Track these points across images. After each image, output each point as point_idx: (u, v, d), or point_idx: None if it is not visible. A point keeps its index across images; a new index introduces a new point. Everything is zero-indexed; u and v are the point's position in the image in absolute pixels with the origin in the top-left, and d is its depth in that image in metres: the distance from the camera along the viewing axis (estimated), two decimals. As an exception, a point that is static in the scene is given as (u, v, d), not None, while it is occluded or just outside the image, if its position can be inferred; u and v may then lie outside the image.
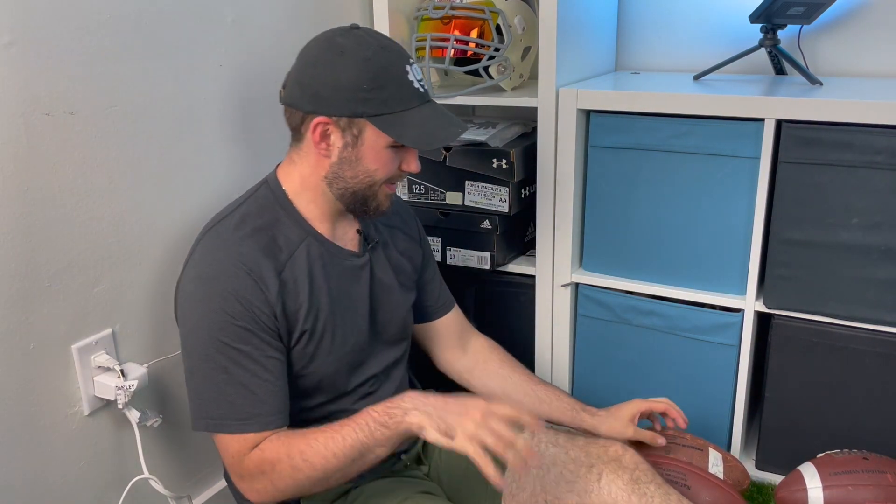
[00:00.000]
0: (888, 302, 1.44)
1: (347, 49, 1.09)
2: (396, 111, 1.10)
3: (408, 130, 1.10)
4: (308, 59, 1.12)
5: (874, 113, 1.36)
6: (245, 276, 1.08)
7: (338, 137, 1.11)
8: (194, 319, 1.09)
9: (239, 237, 1.12)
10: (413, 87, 1.12)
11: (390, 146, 1.12)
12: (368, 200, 1.17)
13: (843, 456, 1.36)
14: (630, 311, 1.70)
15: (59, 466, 1.25)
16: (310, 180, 1.16)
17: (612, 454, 1.19)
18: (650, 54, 1.93)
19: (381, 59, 1.09)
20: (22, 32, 1.10)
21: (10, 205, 1.12)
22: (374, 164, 1.13)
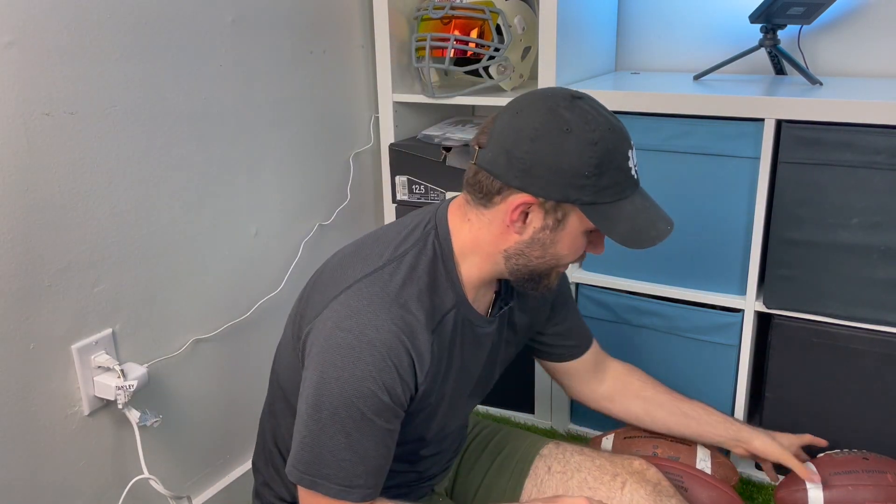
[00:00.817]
0: (888, 302, 1.44)
1: (574, 127, 0.95)
2: (611, 201, 0.98)
3: (618, 225, 0.99)
4: (525, 129, 0.97)
5: (874, 113, 1.36)
6: (405, 353, 0.99)
7: (538, 218, 0.99)
8: (335, 374, 0.98)
9: (405, 300, 1.01)
10: (631, 174, 1.00)
11: (587, 232, 1.02)
12: (542, 279, 1.07)
13: (842, 456, 1.36)
14: (630, 311, 1.70)
15: (59, 466, 1.25)
16: (486, 248, 1.04)
17: (636, 467, 1.19)
18: (650, 54, 1.93)
19: (609, 143, 0.96)
20: (22, 32, 1.10)
21: (10, 205, 1.12)
22: (566, 250, 1.02)
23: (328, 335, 0.99)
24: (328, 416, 0.98)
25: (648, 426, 1.37)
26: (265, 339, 1.65)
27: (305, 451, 1.00)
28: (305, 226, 1.73)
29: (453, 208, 1.07)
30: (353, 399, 0.96)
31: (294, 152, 1.67)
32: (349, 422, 0.97)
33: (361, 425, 0.98)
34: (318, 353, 0.99)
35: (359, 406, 0.97)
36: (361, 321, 0.98)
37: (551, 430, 1.85)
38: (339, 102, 1.80)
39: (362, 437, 0.98)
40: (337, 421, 0.98)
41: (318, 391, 0.98)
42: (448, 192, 1.76)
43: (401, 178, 1.81)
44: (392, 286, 1.01)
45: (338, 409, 0.97)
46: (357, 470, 0.99)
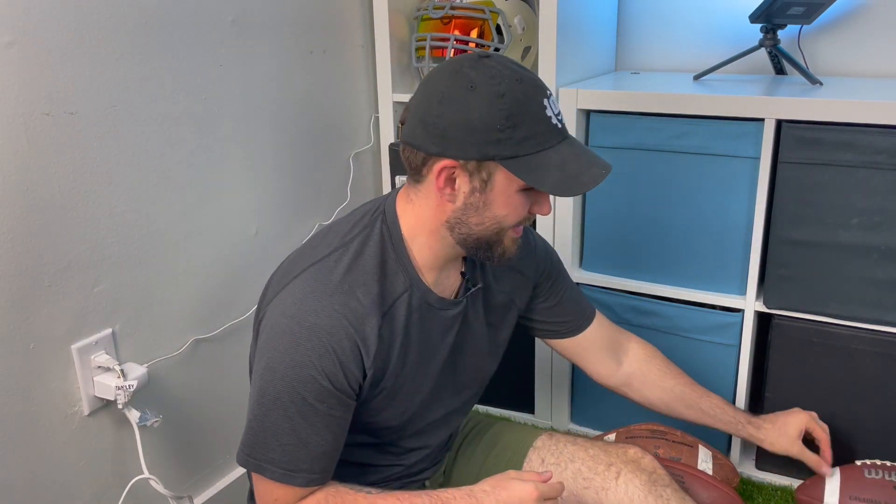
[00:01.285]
0: (888, 302, 1.44)
1: (479, 83, 0.94)
2: (532, 152, 0.96)
3: (546, 175, 0.96)
4: (432, 94, 0.97)
5: (874, 113, 1.36)
6: (347, 339, 0.99)
7: (464, 182, 0.98)
8: (278, 359, 0.99)
9: (349, 285, 1.01)
10: (551, 123, 0.97)
11: (522, 190, 0.99)
12: (494, 247, 1.04)
13: (872, 477, 1.28)
14: (630, 311, 1.70)
15: (59, 466, 1.25)
16: (429, 224, 1.04)
17: (631, 455, 1.19)
18: (650, 54, 1.93)
19: (518, 93, 0.94)
20: (22, 32, 1.10)
21: (10, 205, 1.12)
22: (503, 210, 1.00)
23: (274, 322, 1.00)
24: (271, 401, 0.99)
25: (664, 411, 1.37)
26: (265, 339, 1.64)
27: (251, 434, 1.02)
28: (305, 226, 1.73)
29: (401, 193, 1.07)
30: (294, 384, 0.98)
31: (294, 152, 1.67)
32: (291, 407, 0.99)
33: (303, 410, 0.99)
34: (264, 340, 1.01)
35: (300, 392, 0.98)
36: (304, 308, 0.99)
37: (551, 430, 1.85)
38: (339, 102, 1.80)
39: (305, 422, 1.00)
40: (279, 406, 0.99)
41: (262, 377, 1.00)
42: (448, 192, 1.76)
43: (401, 178, 1.81)
44: (336, 273, 1.01)
45: (280, 394, 0.99)
46: (300, 454, 1.01)
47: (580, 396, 1.84)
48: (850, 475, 1.29)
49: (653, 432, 1.48)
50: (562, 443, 1.24)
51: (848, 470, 1.29)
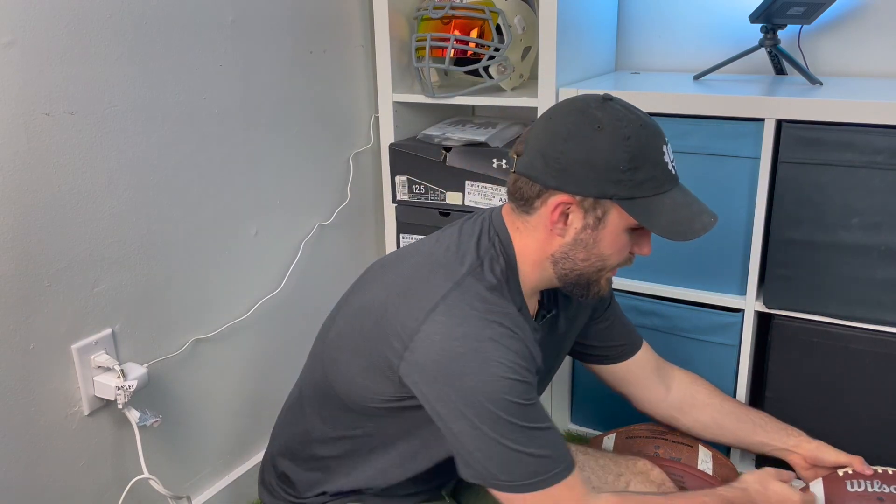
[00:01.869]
0: (888, 302, 1.44)
1: (606, 124, 0.98)
2: (649, 195, 0.99)
3: (659, 217, 0.99)
4: (559, 130, 1.00)
5: (874, 113, 1.36)
6: (517, 339, 1.00)
7: (578, 218, 1.01)
8: (473, 384, 0.96)
9: (497, 297, 1.02)
10: (667, 168, 1.01)
11: (628, 230, 1.03)
12: (591, 285, 1.08)
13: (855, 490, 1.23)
14: (630, 311, 1.70)
15: (59, 466, 1.25)
16: (533, 255, 1.06)
17: (640, 468, 1.19)
18: (650, 54, 1.93)
19: (642, 138, 0.99)
20: (22, 32, 1.10)
21: (10, 205, 1.12)
22: (609, 249, 1.03)
23: (443, 353, 0.97)
24: (491, 423, 0.96)
25: (717, 436, 1.36)
26: (265, 339, 1.65)
27: (497, 464, 0.98)
28: (305, 226, 1.73)
29: (505, 216, 1.08)
30: (503, 396, 0.96)
31: (294, 152, 1.67)
32: (515, 418, 0.97)
33: (527, 412, 0.97)
34: (441, 375, 0.97)
35: (512, 400, 0.96)
36: (473, 326, 0.98)
37: (551, 430, 1.85)
38: (339, 102, 1.80)
39: (534, 421, 0.98)
40: (504, 423, 0.96)
41: (467, 406, 0.96)
42: (448, 191, 1.76)
43: (401, 178, 1.81)
44: (484, 291, 1.02)
45: (497, 413, 0.96)
46: (559, 443, 1.00)
47: (580, 396, 1.84)
48: (832, 489, 1.24)
49: (653, 432, 1.48)
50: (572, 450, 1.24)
51: (830, 482, 1.26)
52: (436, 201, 1.78)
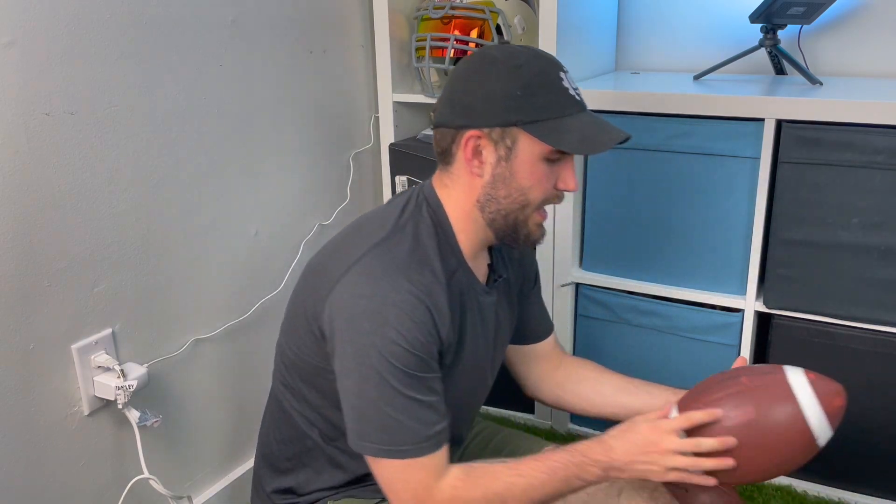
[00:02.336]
0: (888, 302, 1.44)
1: (499, 59, 1.02)
2: (552, 118, 1.01)
3: (566, 136, 1.01)
4: (458, 75, 1.05)
5: (874, 113, 1.36)
6: (423, 309, 1.00)
7: (490, 152, 1.03)
8: (367, 342, 0.99)
9: (416, 263, 1.03)
10: (569, 93, 1.03)
11: (545, 159, 1.03)
12: (519, 227, 1.08)
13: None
14: (630, 311, 1.70)
15: (59, 466, 1.25)
16: (463, 206, 1.08)
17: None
18: (650, 54, 1.93)
19: (534, 66, 1.02)
20: (22, 32, 1.10)
21: (10, 205, 1.12)
22: (528, 181, 1.04)
23: (350, 306, 1.00)
24: (375, 382, 0.99)
25: (600, 408, 1.33)
26: (265, 339, 1.65)
27: (367, 423, 1.01)
28: (305, 226, 1.73)
29: (435, 181, 1.11)
30: (392, 360, 0.98)
31: (294, 152, 1.67)
32: (398, 384, 0.98)
33: (411, 382, 0.99)
34: (344, 327, 1.01)
35: (399, 366, 0.98)
36: (380, 286, 1.00)
37: (551, 430, 1.85)
38: (339, 102, 1.80)
39: (417, 392, 1.00)
40: (386, 386, 0.99)
41: (358, 363, 1.00)
42: (448, 192, 1.76)
43: (401, 178, 1.81)
44: (400, 252, 1.04)
45: (382, 374, 0.98)
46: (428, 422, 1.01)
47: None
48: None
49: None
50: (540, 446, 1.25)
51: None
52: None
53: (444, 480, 1.03)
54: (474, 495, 1.03)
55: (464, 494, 1.02)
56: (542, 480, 1.03)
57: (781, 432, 1.00)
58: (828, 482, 1.60)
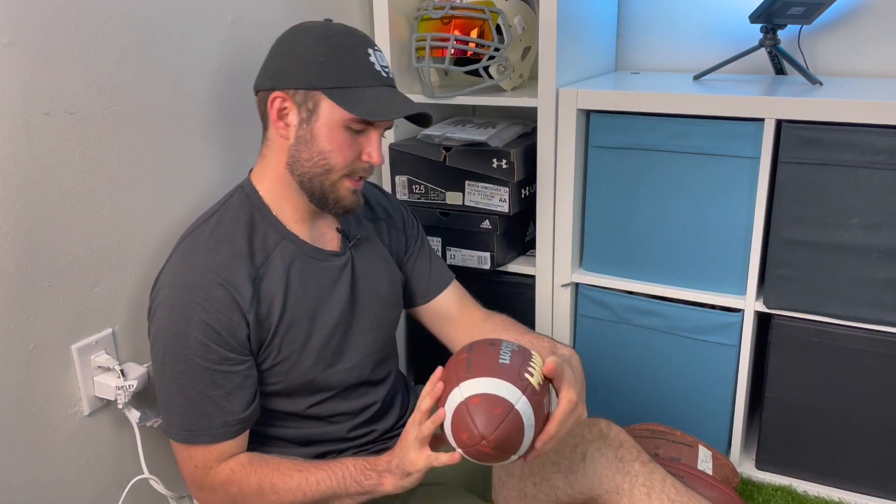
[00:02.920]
0: (888, 302, 1.44)
1: (312, 30, 1.11)
2: (352, 86, 1.08)
3: (361, 104, 1.07)
4: (275, 44, 1.14)
5: (874, 113, 1.36)
6: (218, 286, 1.07)
7: (294, 114, 1.10)
8: (165, 328, 1.08)
9: (214, 243, 1.10)
10: (373, 68, 1.10)
11: (347, 128, 1.09)
12: (327, 193, 1.13)
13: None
14: (630, 311, 1.70)
15: (59, 466, 1.25)
16: (277, 171, 1.14)
17: (595, 433, 1.17)
18: (650, 54, 1.93)
19: (343, 39, 1.10)
20: (22, 32, 1.10)
21: (10, 205, 1.12)
22: (328, 145, 1.09)
23: (157, 297, 1.11)
24: (169, 368, 1.08)
25: None
26: (265, 339, 1.64)
27: (164, 407, 1.11)
28: (305, 226, 1.73)
29: (256, 164, 1.19)
30: (178, 343, 1.05)
31: (294, 152, 1.67)
32: (181, 367, 1.07)
33: (193, 370, 1.06)
34: (151, 314, 1.12)
35: (184, 351, 1.05)
36: (177, 275, 1.09)
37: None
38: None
39: (204, 381, 1.06)
40: (173, 372, 1.08)
41: (154, 346, 1.10)
42: (448, 191, 1.76)
43: (401, 178, 1.81)
44: (201, 240, 1.11)
45: (175, 359, 1.07)
46: (212, 412, 1.07)
47: (580, 396, 1.83)
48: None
49: (652, 432, 1.48)
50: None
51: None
52: (436, 201, 1.78)
53: (226, 463, 1.09)
54: (251, 482, 1.08)
55: (239, 479, 1.08)
56: (318, 478, 1.07)
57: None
58: (828, 482, 1.60)
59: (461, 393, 0.96)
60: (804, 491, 1.61)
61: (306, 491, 1.07)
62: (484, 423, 0.93)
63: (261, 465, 1.10)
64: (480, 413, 0.93)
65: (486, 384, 0.95)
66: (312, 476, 1.07)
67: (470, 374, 0.97)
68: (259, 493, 1.08)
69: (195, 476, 1.11)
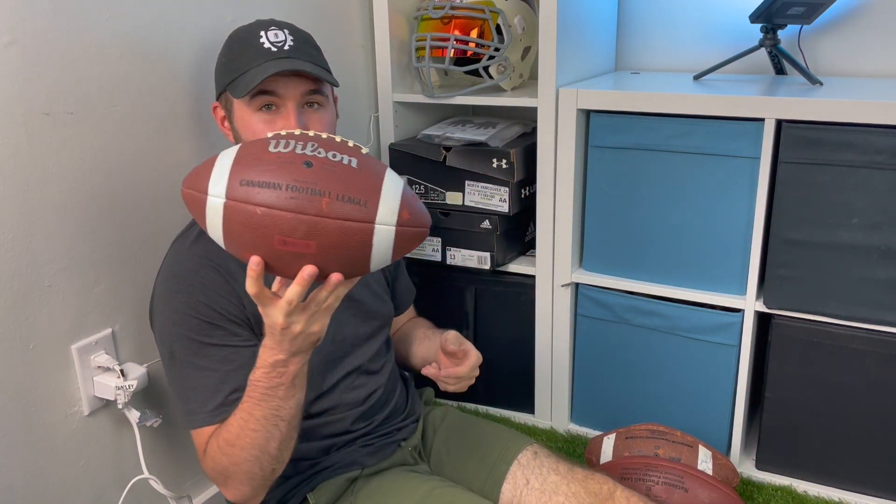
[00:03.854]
0: (888, 302, 1.44)
1: (231, 33, 1.16)
2: (242, 72, 1.10)
3: (241, 85, 1.09)
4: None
5: (874, 113, 1.36)
6: (211, 269, 1.09)
7: (225, 119, 1.17)
8: (161, 319, 1.11)
9: (206, 238, 1.10)
10: (262, 47, 1.10)
11: (257, 112, 1.10)
12: None
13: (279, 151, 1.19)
14: (630, 311, 1.70)
15: (59, 466, 1.25)
16: None
17: (605, 492, 1.20)
18: (650, 54, 1.93)
19: (241, 31, 1.14)
20: (22, 32, 1.10)
21: (10, 205, 1.12)
22: (246, 134, 1.12)
23: (155, 290, 1.14)
24: (169, 356, 1.10)
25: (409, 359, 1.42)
26: (265, 339, 1.64)
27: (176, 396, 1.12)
28: (305, 226, 1.73)
29: None
30: (178, 329, 1.07)
31: (294, 152, 1.67)
32: (185, 352, 1.08)
33: (198, 349, 1.07)
34: (152, 309, 1.15)
35: (184, 333, 1.07)
36: (170, 266, 1.12)
37: (551, 429, 1.85)
38: (339, 102, 1.79)
39: (203, 359, 1.07)
40: (176, 356, 1.09)
41: (160, 338, 1.12)
42: (448, 191, 1.76)
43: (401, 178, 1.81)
44: (189, 238, 1.14)
45: (172, 344, 1.08)
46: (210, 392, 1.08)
47: (580, 396, 1.84)
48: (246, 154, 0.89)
49: (652, 432, 1.48)
50: (545, 468, 1.24)
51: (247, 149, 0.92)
52: (436, 201, 1.78)
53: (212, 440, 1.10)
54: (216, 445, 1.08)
55: (211, 450, 1.09)
56: (247, 407, 1.00)
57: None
58: (828, 482, 1.60)
59: (395, 176, 0.94)
60: (804, 491, 1.61)
61: (250, 426, 1.00)
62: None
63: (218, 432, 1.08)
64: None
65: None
66: (243, 409, 1.01)
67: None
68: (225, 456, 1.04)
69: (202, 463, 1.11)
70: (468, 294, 1.85)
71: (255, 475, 1.04)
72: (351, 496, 1.21)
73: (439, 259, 1.83)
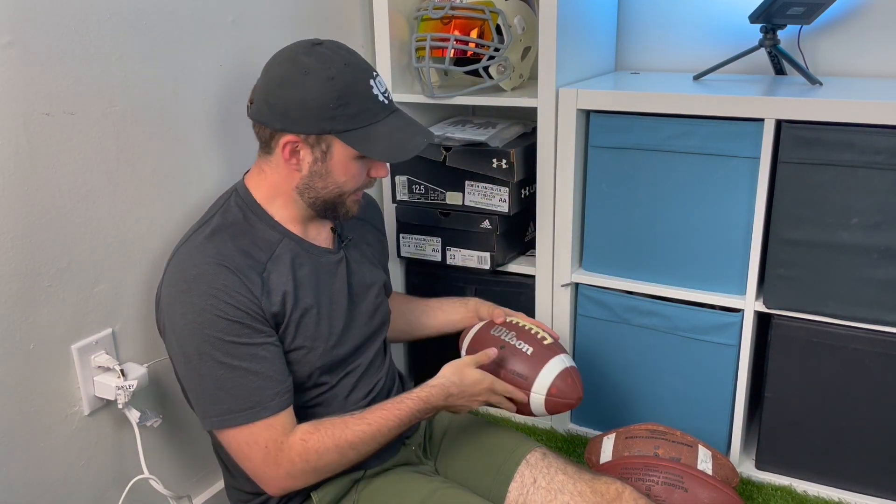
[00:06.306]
0: (888, 302, 1.44)
1: (311, 69, 1.11)
2: (363, 126, 1.14)
3: (375, 144, 1.14)
4: (273, 78, 1.14)
5: (874, 113, 1.36)
6: (228, 273, 1.10)
7: (307, 153, 1.15)
8: (182, 322, 1.09)
9: (216, 242, 1.13)
10: (378, 100, 1.15)
11: (358, 158, 1.16)
12: (338, 208, 1.21)
13: (493, 334, 1.41)
14: (630, 311, 1.70)
15: (59, 466, 1.25)
16: (282, 189, 1.19)
17: (612, 493, 1.21)
18: (650, 54, 1.93)
19: (346, 76, 1.12)
20: (22, 32, 1.10)
21: (10, 205, 1.12)
22: (343, 177, 1.17)
23: (166, 296, 1.13)
24: (196, 358, 1.09)
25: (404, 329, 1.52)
26: (265, 339, 1.64)
27: (202, 400, 1.11)
28: (305, 226, 1.73)
29: (252, 169, 1.23)
30: (205, 331, 1.07)
31: (294, 152, 1.67)
32: (216, 353, 1.08)
33: (227, 349, 1.08)
34: (165, 315, 1.13)
35: (213, 335, 1.07)
36: (184, 270, 1.12)
37: (551, 429, 1.85)
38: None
39: (235, 359, 1.08)
40: (206, 358, 1.08)
41: (179, 343, 1.10)
42: (448, 191, 1.76)
43: (401, 178, 1.81)
44: (200, 240, 1.15)
45: (201, 346, 1.08)
46: (259, 386, 1.09)
47: (580, 396, 1.83)
48: (481, 332, 1.43)
49: (652, 432, 1.48)
50: (553, 468, 1.26)
51: (482, 329, 1.44)
52: (436, 201, 1.78)
53: (294, 435, 1.11)
54: (327, 445, 1.11)
55: (316, 446, 1.10)
56: (389, 427, 1.15)
57: None
58: (828, 482, 1.60)
59: (562, 361, 1.35)
60: (804, 491, 1.61)
61: (380, 441, 1.15)
62: (580, 387, 1.35)
63: (327, 427, 1.13)
64: (578, 379, 1.35)
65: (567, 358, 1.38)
66: (384, 426, 1.15)
67: (560, 348, 1.38)
68: (338, 453, 1.12)
69: (268, 458, 1.10)
70: (468, 294, 1.85)
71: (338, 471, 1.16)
72: (354, 495, 1.21)
73: (439, 259, 1.83)
